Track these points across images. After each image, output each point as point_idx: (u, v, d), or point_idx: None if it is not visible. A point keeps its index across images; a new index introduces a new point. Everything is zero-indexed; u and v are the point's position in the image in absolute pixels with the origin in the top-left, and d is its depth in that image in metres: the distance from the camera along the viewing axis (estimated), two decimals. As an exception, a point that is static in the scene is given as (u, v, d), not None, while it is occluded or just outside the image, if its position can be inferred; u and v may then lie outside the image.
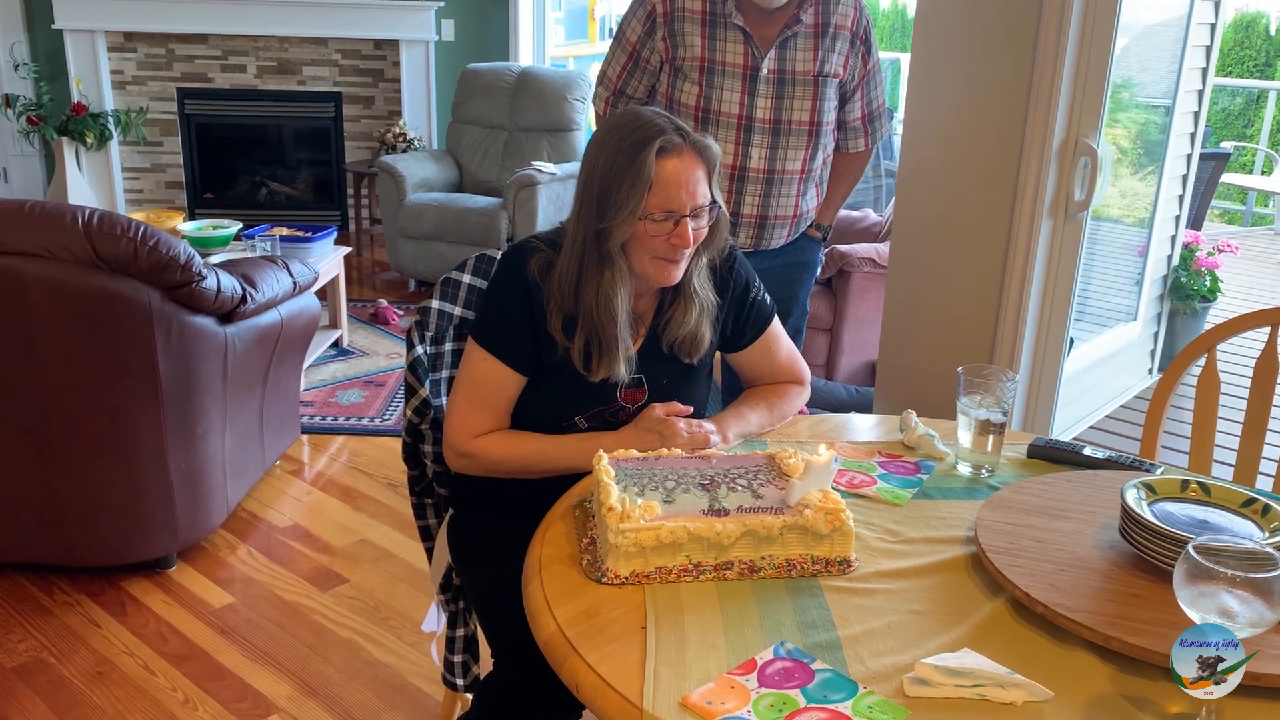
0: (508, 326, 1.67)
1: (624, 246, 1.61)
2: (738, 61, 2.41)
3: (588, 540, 1.40)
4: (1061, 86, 2.57)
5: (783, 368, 1.88)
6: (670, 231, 1.59)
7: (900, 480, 1.61)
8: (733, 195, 2.49)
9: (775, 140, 2.46)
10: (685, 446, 1.60)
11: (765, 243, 2.56)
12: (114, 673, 2.34)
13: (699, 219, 1.61)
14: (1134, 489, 1.36)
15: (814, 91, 2.45)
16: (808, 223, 2.64)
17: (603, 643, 1.20)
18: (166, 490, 2.64)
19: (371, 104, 6.39)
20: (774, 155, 2.47)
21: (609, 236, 1.59)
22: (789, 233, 2.59)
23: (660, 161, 1.57)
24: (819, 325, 3.97)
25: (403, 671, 2.38)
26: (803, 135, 2.48)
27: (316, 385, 4.11)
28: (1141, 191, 4.37)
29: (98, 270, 2.41)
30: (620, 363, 1.65)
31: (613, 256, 1.61)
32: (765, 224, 2.54)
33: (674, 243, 1.59)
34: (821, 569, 1.34)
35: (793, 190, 2.53)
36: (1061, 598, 1.23)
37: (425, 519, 2.01)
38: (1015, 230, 2.71)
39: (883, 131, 2.66)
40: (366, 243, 6.36)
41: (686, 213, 1.59)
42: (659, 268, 1.63)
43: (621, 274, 1.62)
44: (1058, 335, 2.81)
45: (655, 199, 1.57)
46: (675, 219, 1.58)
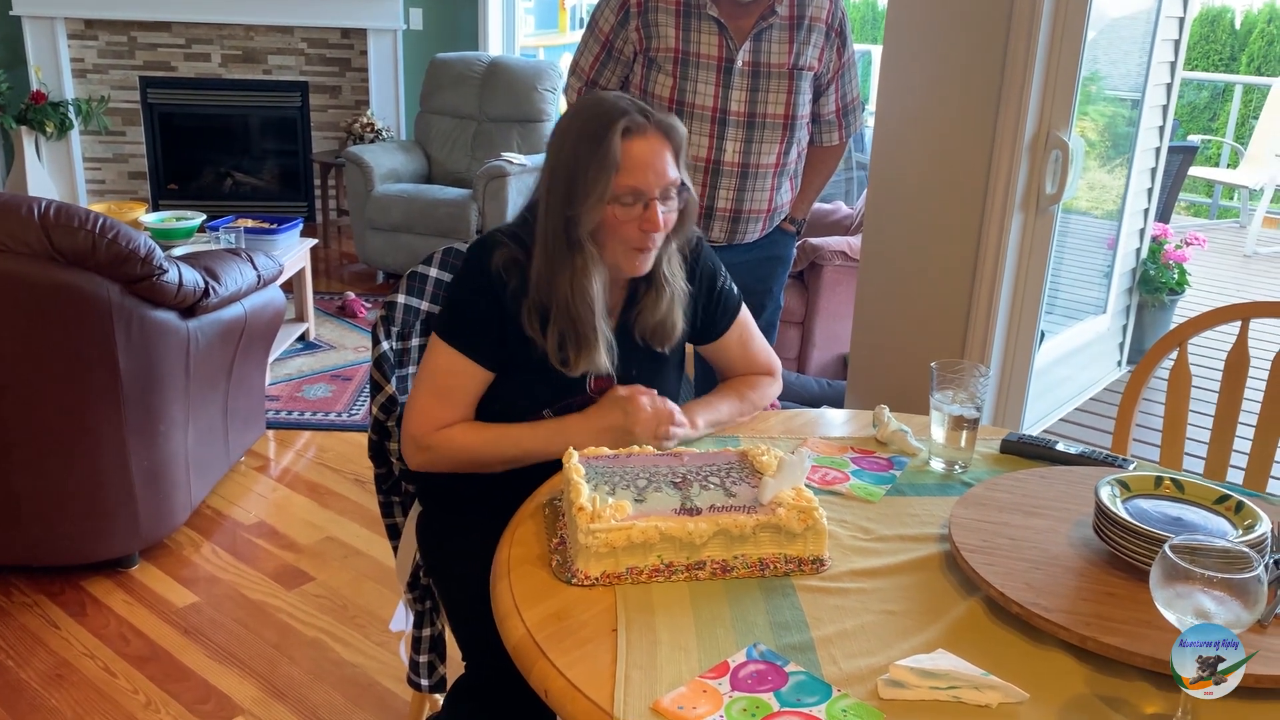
0: (473, 323, 1.64)
1: (594, 234, 1.59)
2: (712, 53, 2.38)
3: (557, 540, 1.38)
4: (1033, 79, 2.57)
5: (754, 359, 1.86)
6: (640, 216, 1.56)
7: (873, 477, 1.60)
8: (707, 189, 2.46)
9: (750, 134, 2.44)
10: (649, 423, 1.57)
11: (740, 237, 2.54)
12: (73, 675, 2.29)
13: (668, 201, 1.59)
14: (1108, 486, 1.35)
15: (789, 85, 2.43)
16: (782, 216, 2.63)
17: (573, 646, 1.17)
18: (128, 488, 2.58)
19: (339, 94, 6.31)
20: (749, 149, 2.45)
21: (578, 224, 1.56)
22: (763, 227, 2.57)
23: (626, 143, 1.54)
24: (791, 319, 3.96)
25: (370, 671, 2.34)
26: (777, 129, 2.46)
27: (282, 379, 4.05)
28: (1110, 184, 4.38)
29: (55, 263, 2.35)
30: (600, 353, 1.62)
31: (582, 244, 1.58)
32: (740, 218, 2.51)
33: (645, 228, 1.57)
34: (795, 568, 1.33)
35: (767, 184, 2.51)
36: (1037, 597, 1.22)
37: (393, 517, 1.98)
38: (987, 223, 2.70)
39: (857, 125, 2.64)
40: (334, 234, 6.29)
41: (655, 194, 1.56)
42: (630, 258, 1.61)
43: (594, 261, 1.59)
44: (1029, 329, 2.81)
45: (622, 181, 1.54)
46: (644, 201, 1.56)
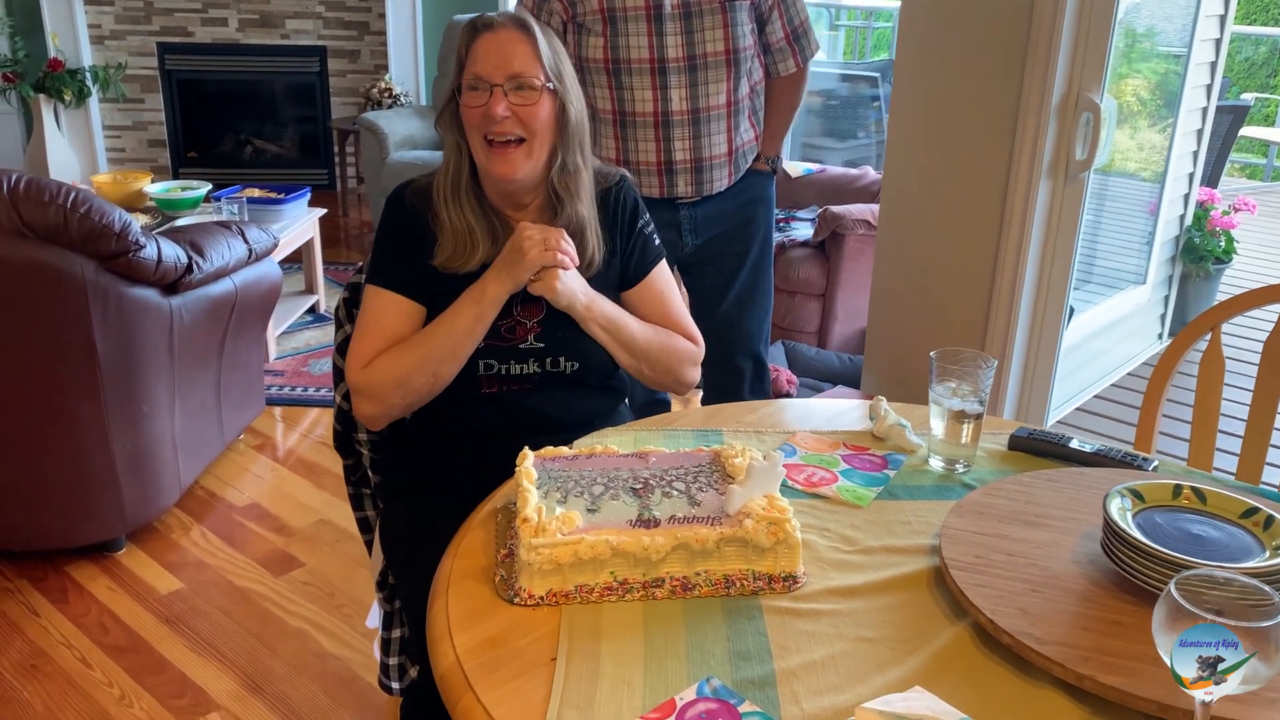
0: (392, 257, 1.61)
1: (460, 128, 1.58)
2: (639, 3, 2.24)
3: (504, 552, 1.25)
4: (1061, 38, 2.38)
5: (676, 321, 1.72)
6: (485, 103, 1.52)
7: (864, 478, 1.45)
8: (660, 144, 2.35)
9: (693, 77, 2.31)
10: (536, 239, 1.52)
11: (707, 186, 2.41)
12: (48, 665, 2.22)
13: (521, 94, 1.53)
14: (1118, 497, 1.20)
15: (724, 19, 2.29)
16: (749, 157, 2.48)
17: (504, 678, 1.05)
18: (110, 471, 2.50)
19: (357, 58, 6.19)
20: (695, 93, 2.32)
21: (441, 111, 1.60)
22: (730, 172, 2.44)
23: (476, 36, 1.55)
24: (811, 291, 3.80)
25: (353, 665, 2.25)
26: (720, 67, 2.32)
27: (289, 354, 3.96)
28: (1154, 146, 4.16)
29: (24, 239, 2.26)
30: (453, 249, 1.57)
31: (443, 130, 1.60)
32: (702, 167, 2.38)
33: (488, 113, 1.52)
34: (764, 586, 1.19)
35: (722, 126, 2.37)
36: (1031, 626, 1.08)
37: (363, 510, 1.89)
38: (1012, 191, 2.53)
39: (812, 48, 2.47)
40: (354, 202, 6.19)
41: (499, 81, 1.52)
42: (491, 156, 1.56)
43: (452, 154, 1.60)
44: (1056, 304, 2.64)
45: (468, 68, 1.55)
46: (488, 89, 1.52)
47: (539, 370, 1.60)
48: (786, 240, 3.92)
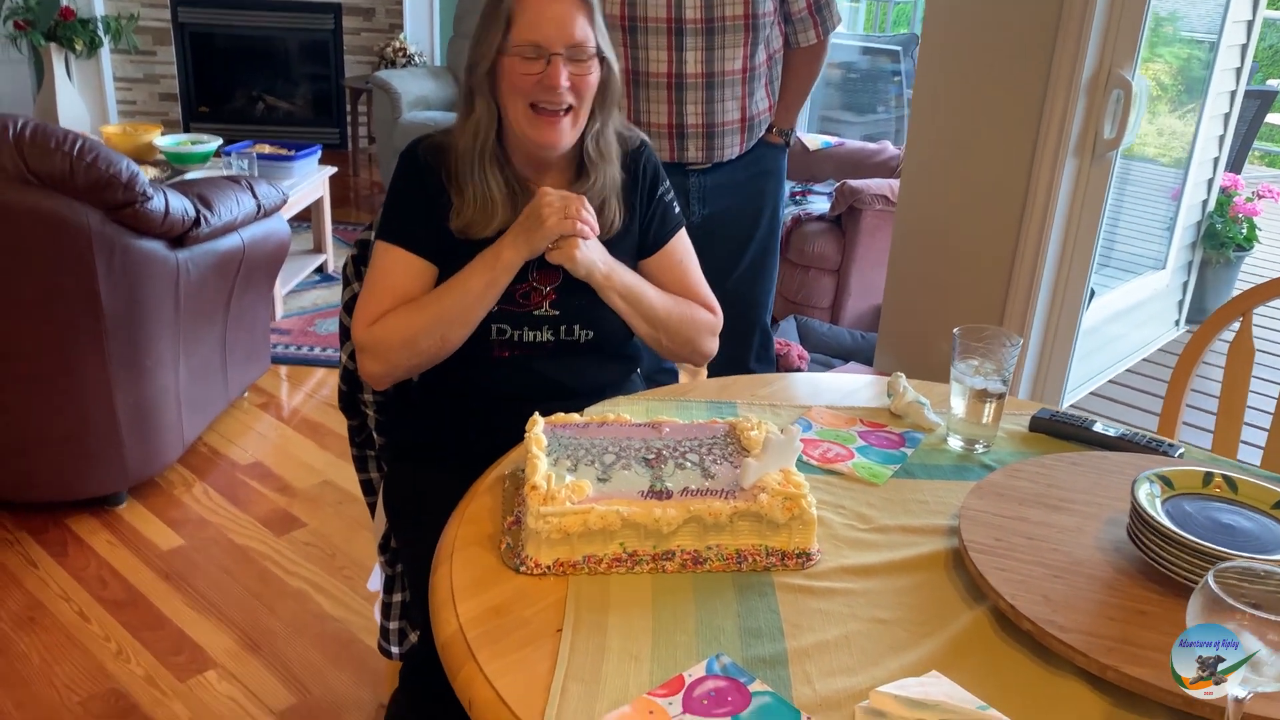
0: (405, 214, 1.54)
1: (494, 91, 1.49)
2: None
3: (511, 519, 1.22)
4: (1095, 11, 2.32)
5: (695, 291, 1.68)
6: (541, 72, 1.44)
7: (881, 455, 1.42)
8: (673, 106, 2.30)
9: (710, 40, 2.26)
10: (556, 205, 1.45)
11: (718, 153, 2.37)
12: (46, 618, 2.20)
13: (578, 64, 1.47)
14: (1146, 482, 1.16)
15: None
16: (763, 127, 2.43)
17: (508, 649, 1.02)
18: (112, 425, 2.47)
19: (372, 16, 6.11)
20: (710, 56, 2.27)
21: (473, 72, 1.49)
22: (742, 140, 2.39)
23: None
24: (826, 266, 3.75)
25: (352, 627, 2.23)
26: (739, 31, 2.27)
27: (295, 313, 3.93)
28: (1178, 130, 4.08)
29: (30, 187, 2.22)
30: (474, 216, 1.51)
31: (473, 94, 1.50)
32: (714, 132, 2.34)
33: (545, 83, 1.44)
34: (777, 562, 1.16)
35: (737, 92, 2.32)
36: (1053, 613, 1.04)
37: (367, 472, 1.85)
38: (1037, 169, 2.48)
39: (834, 19, 2.41)
40: (364, 162, 6.13)
41: (558, 50, 1.44)
42: (536, 123, 1.48)
43: (481, 117, 1.50)
44: (1077, 286, 2.59)
45: (519, 31, 1.45)
46: (546, 57, 1.44)
47: (553, 338, 1.56)
48: (802, 214, 3.87)
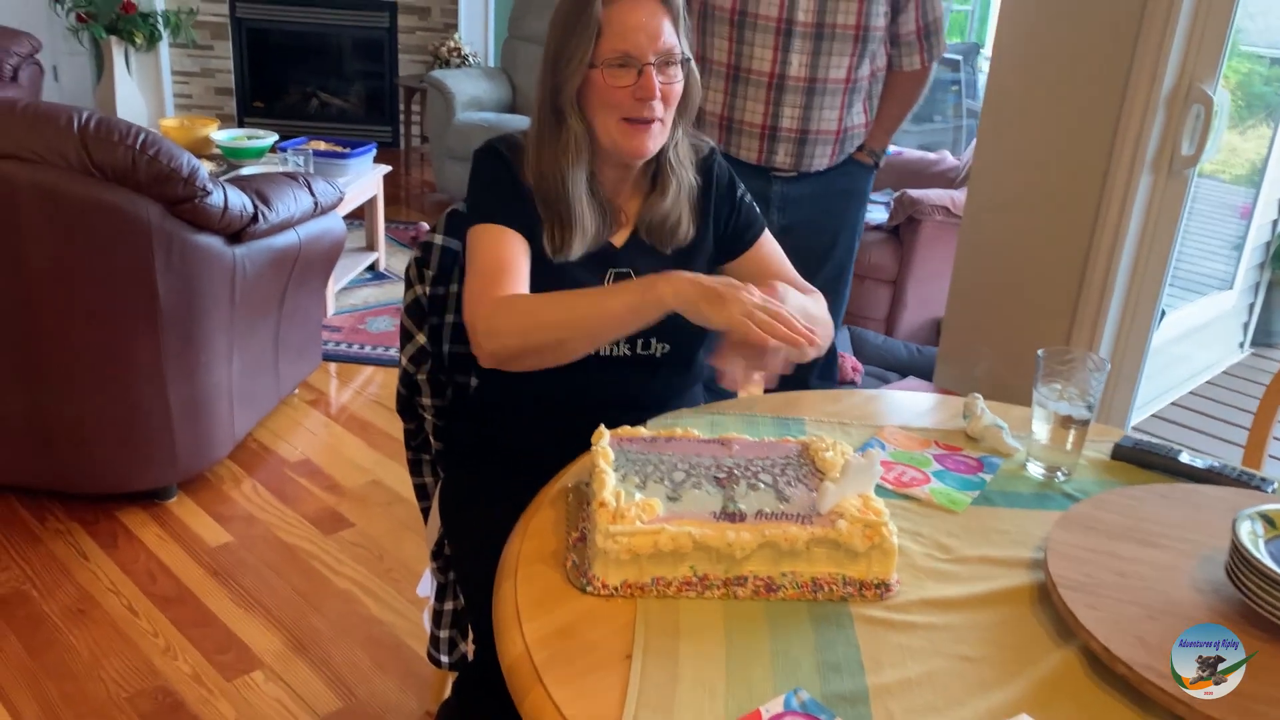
0: (497, 194, 1.48)
1: (581, 106, 1.43)
2: None
3: (577, 535, 1.18)
4: (1178, 22, 2.24)
5: (795, 283, 1.57)
6: (634, 83, 1.39)
7: (959, 480, 1.36)
8: (770, 106, 2.27)
9: (818, 45, 2.22)
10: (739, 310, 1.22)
11: (807, 163, 2.33)
12: (95, 610, 2.20)
13: (667, 70, 1.42)
14: (1248, 520, 1.10)
15: None
16: (855, 144, 2.38)
17: (577, 673, 0.98)
18: (165, 418, 2.47)
19: (427, 15, 6.12)
20: (816, 62, 2.23)
21: (560, 91, 1.43)
22: (833, 152, 2.35)
23: (610, 4, 1.39)
24: (882, 276, 3.69)
25: (399, 631, 2.20)
26: (848, 40, 2.23)
27: (347, 310, 3.92)
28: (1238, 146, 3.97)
29: (93, 179, 2.22)
30: (575, 240, 1.45)
31: (564, 113, 1.43)
32: (806, 139, 2.30)
33: (640, 95, 1.39)
34: (854, 592, 1.11)
35: (836, 102, 2.28)
36: (1150, 657, 0.99)
37: (421, 476, 1.83)
38: (1110, 185, 2.40)
39: (940, 48, 2.37)
40: (416, 161, 6.14)
41: (649, 59, 1.39)
42: (628, 133, 1.42)
43: (576, 137, 1.44)
44: (1148, 306, 2.51)
45: (608, 43, 1.39)
46: (637, 68, 1.39)
47: (629, 352, 1.52)
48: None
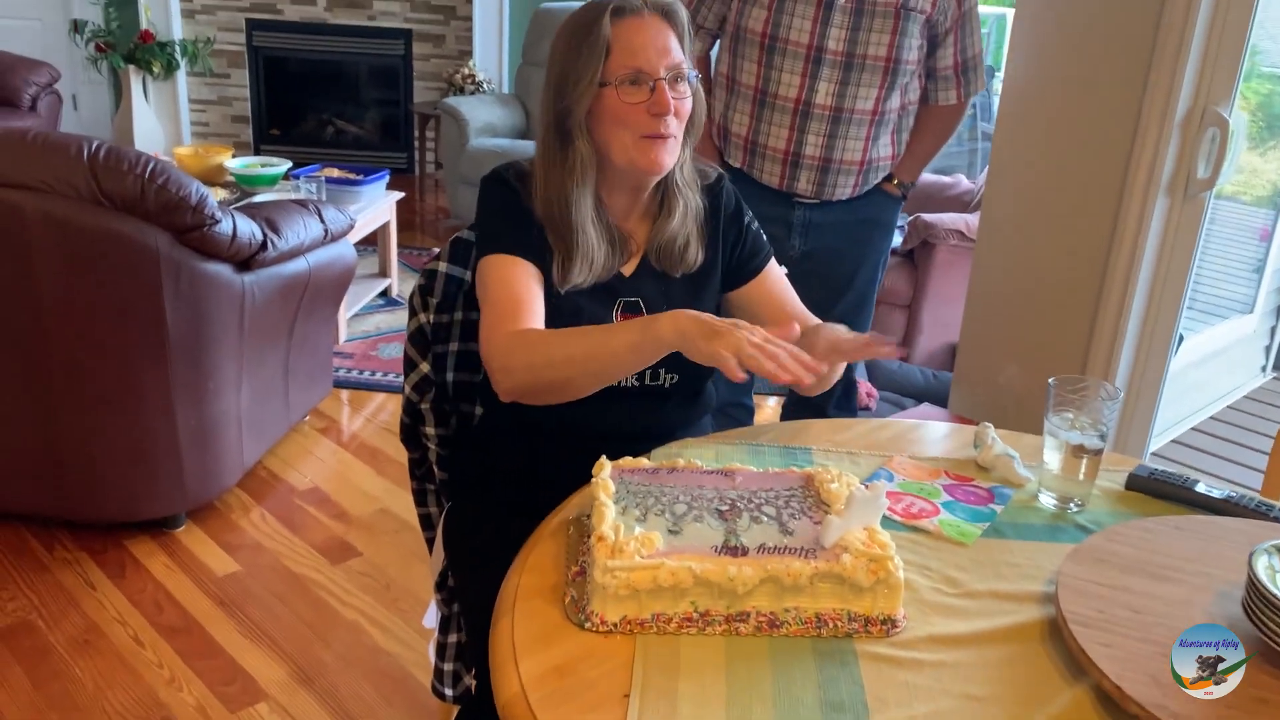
0: (508, 224, 1.47)
1: (590, 127, 1.42)
2: None
3: (576, 569, 1.16)
4: (1191, 44, 2.22)
5: (801, 316, 1.55)
6: (648, 99, 1.39)
7: (969, 511, 1.33)
8: (794, 133, 2.26)
9: (846, 75, 2.22)
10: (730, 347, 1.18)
11: (830, 191, 2.32)
12: (101, 641, 2.18)
13: (678, 86, 1.41)
14: (1265, 555, 1.07)
15: (894, 25, 2.18)
16: (880, 175, 2.36)
17: (573, 712, 0.96)
18: (173, 446, 2.46)
19: (442, 43, 6.16)
20: (843, 91, 2.22)
21: (570, 114, 1.41)
22: (856, 183, 2.33)
23: (617, 23, 1.39)
24: (896, 300, 3.66)
25: (405, 663, 2.18)
26: (877, 72, 2.22)
27: (359, 336, 3.93)
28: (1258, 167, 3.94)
29: (102, 208, 2.23)
30: (584, 269, 1.44)
31: (572, 135, 1.42)
32: (829, 168, 2.29)
33: (655, 111, 1.38)
34: (859, 628, 1.08)
35: (862, 132, 2.27)
36: (1165, 697, 0.96)
37: (426, 506, 1.81)
38: (1125, 209, 2.38)
39: (979, 84, 2.35)
40: (431, 187, 6.16)
41: (661, 74, 1.39)
42: (645, 149, 1.41)
43: (583, 158, 1.42)
44: (1165, 331, 2.48)
45: (618, 60, 1.39)
46: (649, 83, 1.39)
47: (637, 382, 1.50)
48: (872, 247, 3.79)
